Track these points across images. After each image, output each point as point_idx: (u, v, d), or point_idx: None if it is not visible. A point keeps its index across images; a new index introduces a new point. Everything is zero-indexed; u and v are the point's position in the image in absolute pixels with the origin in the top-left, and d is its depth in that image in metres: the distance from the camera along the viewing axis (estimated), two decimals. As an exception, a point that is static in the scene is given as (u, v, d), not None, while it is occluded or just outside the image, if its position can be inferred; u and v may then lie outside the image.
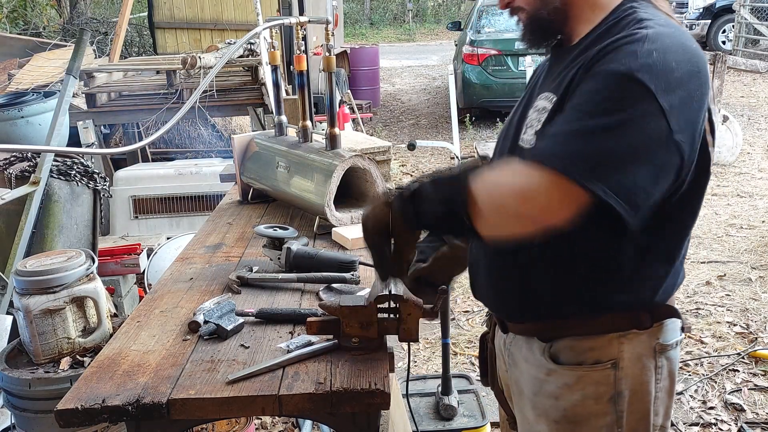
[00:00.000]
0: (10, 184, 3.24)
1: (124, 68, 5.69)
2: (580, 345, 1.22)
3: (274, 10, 6.63)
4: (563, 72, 1.18)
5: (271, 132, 2.34)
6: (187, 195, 4.30)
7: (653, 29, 1.08)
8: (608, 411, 1.22)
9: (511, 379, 1.38)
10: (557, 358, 1.24)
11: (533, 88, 1.32)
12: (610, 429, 1.23)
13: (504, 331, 1.38)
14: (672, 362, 1.25)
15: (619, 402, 1.22)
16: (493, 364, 1.47)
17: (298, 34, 2.06)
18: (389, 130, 9.13)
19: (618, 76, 1.04)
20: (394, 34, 21.67)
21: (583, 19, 1.21)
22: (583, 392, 1.22)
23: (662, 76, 1.03)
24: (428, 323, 3.54)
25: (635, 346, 1.21)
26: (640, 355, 1.21)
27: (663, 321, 1.23)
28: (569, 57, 1.20)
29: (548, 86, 1.22)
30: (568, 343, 1.23)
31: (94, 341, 2.09)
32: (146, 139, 2.23)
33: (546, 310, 1.25)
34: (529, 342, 1.29)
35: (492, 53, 8.56)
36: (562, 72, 1.19)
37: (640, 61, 1.03)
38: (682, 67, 1.05)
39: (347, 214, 1.98)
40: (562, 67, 1.21)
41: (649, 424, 1.24)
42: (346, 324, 1.32)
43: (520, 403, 1.35)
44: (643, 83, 1.02)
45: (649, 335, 1.21)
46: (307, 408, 1.20)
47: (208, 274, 1.77)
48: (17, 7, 10.99)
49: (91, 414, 1.18)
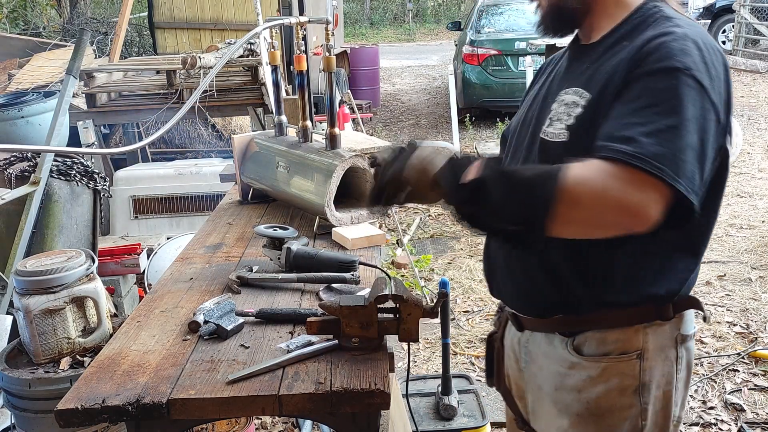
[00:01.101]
0: (10, 184, 3.23)
1: (124, 68, 5.69)
2: (606, 337, 1.23)
3: (274, 10, 6.63)
4: (590, 69, 1.19)
5: (271, 132, 2.34)
6: (187, 195, 4.30)
7: (685, 28, 1.11)
8: (633, 403, 1.23)
9: (526, 378, 1.37)
10: (581, 350, 1.24)
11: (549, 83, 1.32)
12: (634, 421, 1.23)
13: (519, 329, 1.37)
14: (690, 353, 1.27)
15: (644, 393, 1.22)
16: (500, 364, 1.47)
17: (298, 34, 2.06)
18: (389, 130, 9.13)
19: (675, 74, 1.05)
20: (394, 34, 21.67)
21: (606, 15, 1.22)
22: (607, 384, 1.22)
23: (708, 74, 1.06)
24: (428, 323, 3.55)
25: (659, 336, 1.22)
26: (663, 345, 1.23)
27: (683, 312, 1.24)
28: (593, 54, 1.21)
29: (573, 82, 1.21)
30: (593, 335, 1.23)
31: (94, 341, 2.09)
32: (146, 139, 2.23)
33: (576, 305, 1.24)
34: (549, 337, 1.29)
35: (492, 53, 8.56)
36: (588, 69, 1.20)
37: (690, 58, 1.06)
38: (717, 67, 1.09)
39: (347, 214, 1.98)
40: (586, 64, 1.21)
41: (670, 415, 1.25)
42: (346, 324, 1.32)
43: (538, 400, 1.34)
44: (699, 81, 1.05)
45: (671, 326, 1.23)
46: (307, 408, 1.20)
47: (208, 274, 1.77)
48: (17, 7, 10.99)
49: (91, 414, 1.18)
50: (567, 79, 1.26)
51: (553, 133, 1.19)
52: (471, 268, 4.53)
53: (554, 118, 1.21)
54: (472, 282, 4.32)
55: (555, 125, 1.20)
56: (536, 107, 1.31)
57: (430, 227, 5.42)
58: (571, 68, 1.28)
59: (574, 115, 1.17)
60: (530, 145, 1.27)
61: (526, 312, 1.35)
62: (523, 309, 1.35)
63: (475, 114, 9.05)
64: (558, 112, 1.20)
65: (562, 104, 1.20)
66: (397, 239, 4.83)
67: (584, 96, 1.17)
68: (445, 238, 5.19)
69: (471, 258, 4.75)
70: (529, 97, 1.41)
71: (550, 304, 1.28)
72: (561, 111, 1.20)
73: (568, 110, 1.18)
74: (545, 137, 1.21)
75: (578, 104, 1.17)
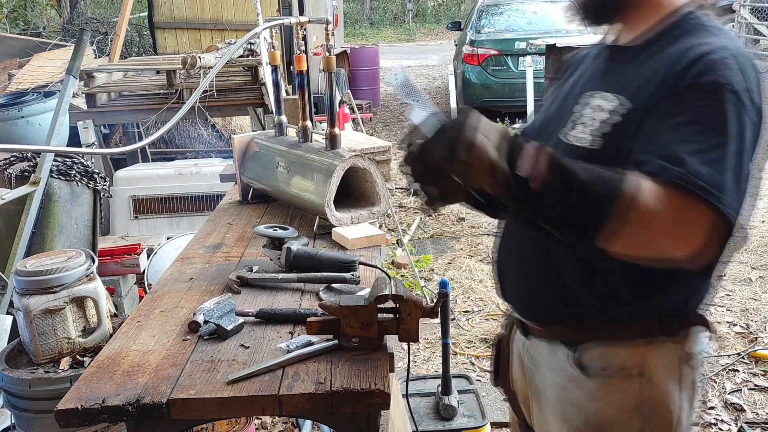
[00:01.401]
0: (10, 184, 3.23)
1: (124, 68, 5.69)
2: (606, 352, 1.20)
3: (274, 10, 6.63)
4: (625, 74, 1.15)
5: (271, 132, 2.34)
6: (187, 195, 4.30)
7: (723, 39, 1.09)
8: (633, 420, 1.19)
9: (531, 384, 1.36)
10: (582, 364, 1.21)
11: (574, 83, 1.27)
12: None
13: (525, 335, 1.35)
14: (696, 372, 1.22)
15: (644, 412, 1.19)
16: (507, 367, 1.45)
17: (298, 34, 2.06)
18: (389, 130, 9.13)
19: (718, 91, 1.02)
20: (394, 34, 21.66)
21: (645, 14, 1.18)
22: (607, 401, 1.20)
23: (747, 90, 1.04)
24: (428, 323, 3.55)
25: (662, 354, 1.18)
26: (667, 363, 1.18)
27: (690, 329, 1.20)
28: (630, 57, 1.16)
29: (605, 85, 1.17)
30: (594, 350, 1.20)
31: (94, 341, 2.09)
32: (146, 139, 2.23)
33: (579, 314, 1.21)
34: (552, 347, 1.27)
35: (492, 53, 8.56)
36: (622, 73, 1.15)
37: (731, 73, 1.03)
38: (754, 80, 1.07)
39: (347, 214, 1.98)
40: (621, 67, 1.17)
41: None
42: (346, 324, 1.32)
43: (541, 408, 1.33)
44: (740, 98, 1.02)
45: (675, 343, 1.19)
46: (307, 408, 1.20)
47: (208, 274, 1.77)
48: (17, 7, 10.99)
49: (91, 414, 1.18)
50: (595, 80, 1.21)
51: (575, 136, 1.15)
52: (471, 268, 4.53)
53: (579, 121, 1.16)
54: (472, 282, 4.32)
55: (579, 128, 1.15)
56: (556, 106, 1.27)
57: (430, 227, 5.42)
58: (607, 70, 1.22)
59: (603, 120, 1.11)
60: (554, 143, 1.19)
61: (530, 318, 1.33)
62: (528, 315, 1.33)
63: (475, 114, 9.03)
64: (583, 115, 1.16)
65: (589, 108, 1.15)
66: (397, 239, 4.83)
67: (617, 101, 1.11)
68: (445, 238, 5.19)
69: (471, 258, 4.75)
70: (556, 93, 1.36)
71: (553, 312, 1.25)
72: (586, 114, 1.15)
73: (594, 114, 1.14)
74: (568, 140, 1.16)
75: (605, 109, 1.12)
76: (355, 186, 2.05)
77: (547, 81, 6.90)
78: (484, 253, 4.81)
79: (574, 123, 1.16)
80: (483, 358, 3.49)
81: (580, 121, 1.15)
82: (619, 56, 1.20)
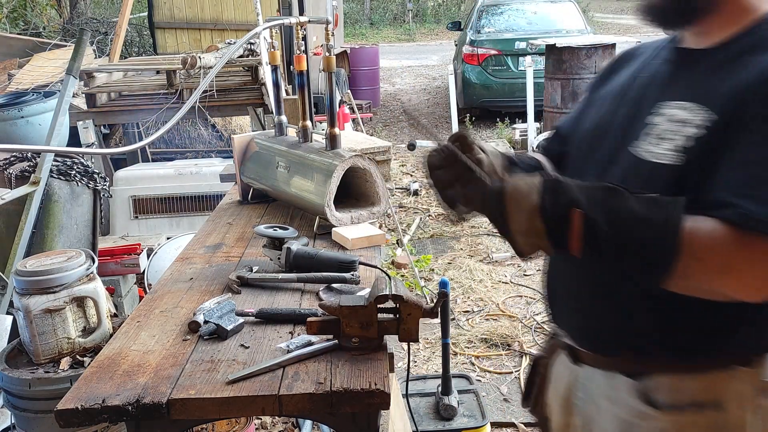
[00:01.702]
0: (10, 184, 3.23)
1: (124, 68, 5.69)
2: (677, 384, 1.10)
3: (274, 10, 6.63)
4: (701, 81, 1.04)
5: (271, 132, 2.34)
6: (187, 195, 4.30)
7: None
8: None
9: (581, 415, 1.25)
10: (649, 398, 1.11)
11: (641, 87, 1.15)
12: None
13: (575, 361, 1.24)
14: None
15: None
16: (542, 391, 1.37)
17: (298, 34, 2.06)
18: (389, 130, 9.13)
19: None
20: (394, 34, 21.66)
21: (726, 19, 1.05)
22: None
23: None
24: (428, 323, 3.55)
25: (736, 384, 1.09)
26: (742, 393, 1.09)
27: (765, 355, 1.10)
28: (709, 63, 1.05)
29: (682, 94, 1.05)
30: (662, 382, 1.10)
31: (94, 341, 2.09)
32: (146, 139, 2.23)
33: (645, 345, 1.11)
34: (609, 377, 1.16)
35: (492, 53, 8.57)
36: (699, 80, 1.05)
37: None
38: None
39: (347, 214, 1.98)
40: (695, 73, 1.06)
41: None
42: (346, 324, 1.32)
43: None
44: None
45: (750, 372, 1.09)
46: (307, 408, 1.20)
47: (208, 274, 1.77)
48: (17, 7, 10.98)
49: (91, 414, 1.17)
50: (672, 88, 1.08)
51: (656, 153, 1.03)
52: (471, 268, 4.53)
53: (656, 134, 1.04)
54: (472, 282, 4.32)
55: (660, 144, 1.03)
56: (622, 114, 1.14)
57: (430, 227, 5.42)
58: (677, 75, 1.10)
59: (686, 135, 1.00)
60: (612, 158, 1.11)
61: (587, 346, 1.21)
62: (584, 343, 1.22)
63: (475, 114, 9.05)
64: (662, 128, 1.04)
65: (668, 120, 1.04)
66: (397, 239, 4.83)
67: (702, 113, 1.00)
68: (445, 238, 5.19)
69: (471, 258, 4.75)
70: (604, 95, 1.23)
71: (615, 343, 1.15)
72: (665, 128, 1.03)
73: (672, 126, 1.02)
74: (643, 157, 1.05)
75: (689, 122, 1.01)
76: (355, 186, 2.05)
77: (547, 81, 6.90)
78: (484, 253, 4.82)
79: (651, 136, 1.05)
80: (483, 358, 3.49)
81: (659, 134, 1.04)
82: (692, 61, 1.09)
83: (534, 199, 0.96)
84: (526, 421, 2.94)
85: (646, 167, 1.04)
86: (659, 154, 1.03)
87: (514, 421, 2.95)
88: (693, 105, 1.02)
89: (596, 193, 0.96)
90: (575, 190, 0.95)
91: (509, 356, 3.51)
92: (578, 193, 0.95)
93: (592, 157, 1.17)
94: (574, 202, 0.94)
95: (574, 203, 0.94)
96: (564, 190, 0.95)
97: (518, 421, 2.95)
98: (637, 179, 1.04)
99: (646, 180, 1.03)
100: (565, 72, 6.67)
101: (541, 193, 0.96)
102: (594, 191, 0.96)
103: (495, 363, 3.46)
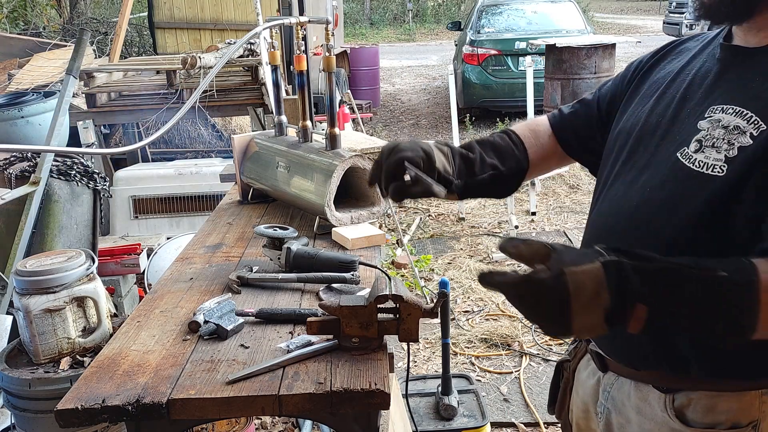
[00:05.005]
0: (10, 184, 3.23)
1: (124, 68, 5.69)
2: (715, 404, 1.04)
3: (274, 10, 6.63)
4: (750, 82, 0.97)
5: (271, 132, 2.34)
6: (187, 195, 4.31)
7: None
8: None
9: (607, 424, 1.20)
10: (683, 415, 1.06)
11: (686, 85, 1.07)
12: None
13: (602, 369, 1.19)
14: None
15: None
16: (566, 395, 1.33)
17: (298, 34, 2.06)
18: (389, 130, 9.13)
19: None
20: (394, 34, 21.67)
21: None
22: None
23: None
24: (428, 323, 3.55)
25: None
26: None
27: None
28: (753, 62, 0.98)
29: (731, 97, 0.98)
30: (698, 400, 1.05)
31: (94, 341, 2.09)
32: (146, 139, 2.23)
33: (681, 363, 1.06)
34: (640, 389, 1.12)
35: (492, 53, 8.58)
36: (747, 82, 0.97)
37: None
38: None
39: (347, 214, 1.98)
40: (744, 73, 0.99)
41: None
42: (346, 324, 1.32)
43: None
44: None
45: None
46: (307, 408, 1.20)
47: (208, 274, 1.77)
48: (17, 7, 10.98)
49: (91, 414, 1.17)
50: (720, 90, 1.01)
51: (705, 162, 0.96)
52: (471, 268, 4.53)
53: (706, 142, 0.97)
54: (472, 282, 4.32)
55: (709, 153, 0.96)
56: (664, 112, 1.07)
57: (430, 227, 5.42)
58: (726, 76, 1.02)
59: (735, 144, 0.93)
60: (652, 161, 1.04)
61: (618, 358, 1.16)
62: (615, 354, 1.16)
63: (475, 114, 9.06)
64: (713, 136, 0.97)
65: (719, 126, 0.96)
66: (397, 239, 4.83)
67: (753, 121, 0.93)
68: (445, 238, 5.19)
69: (471, 258, 4.75)
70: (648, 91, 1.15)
71: (649, 358, 1.09)
72: (717, 136, 0.96)
73: (725, 135, 0.95)
74: (686, 163, 0.98)
75: (743, 131, 0.93)
76: (355, 186, 2.05)
77: (547, 81, 6.91)
78: (484, 253, 4.82)
79: (696, 142, 0.98)
80: (483, 358, 3.49)
81: (705, 141, 0.98)
82: (743, 60, 1.01)
83: (605, 299, 0.82)
84: (526, 421, 2.94)
85: (689, 175, 0.97)
86: (708, 164, 0.96)
87: (514, 421, 2.95)
88: (743, 111, 0.95)
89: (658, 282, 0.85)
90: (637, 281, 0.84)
91: (509, 356, 3.51)
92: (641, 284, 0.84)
93: (630, 158, 1.10)
94: (638, 297, 0.84)
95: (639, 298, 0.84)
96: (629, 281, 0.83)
97: (518, 421, 2.95)
98: (677, 186, 0.99)
99: (688, 188, 0.97)
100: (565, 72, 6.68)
101: (608, 290, 0.82)
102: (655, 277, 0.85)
103: (495, 363, 3.46)
